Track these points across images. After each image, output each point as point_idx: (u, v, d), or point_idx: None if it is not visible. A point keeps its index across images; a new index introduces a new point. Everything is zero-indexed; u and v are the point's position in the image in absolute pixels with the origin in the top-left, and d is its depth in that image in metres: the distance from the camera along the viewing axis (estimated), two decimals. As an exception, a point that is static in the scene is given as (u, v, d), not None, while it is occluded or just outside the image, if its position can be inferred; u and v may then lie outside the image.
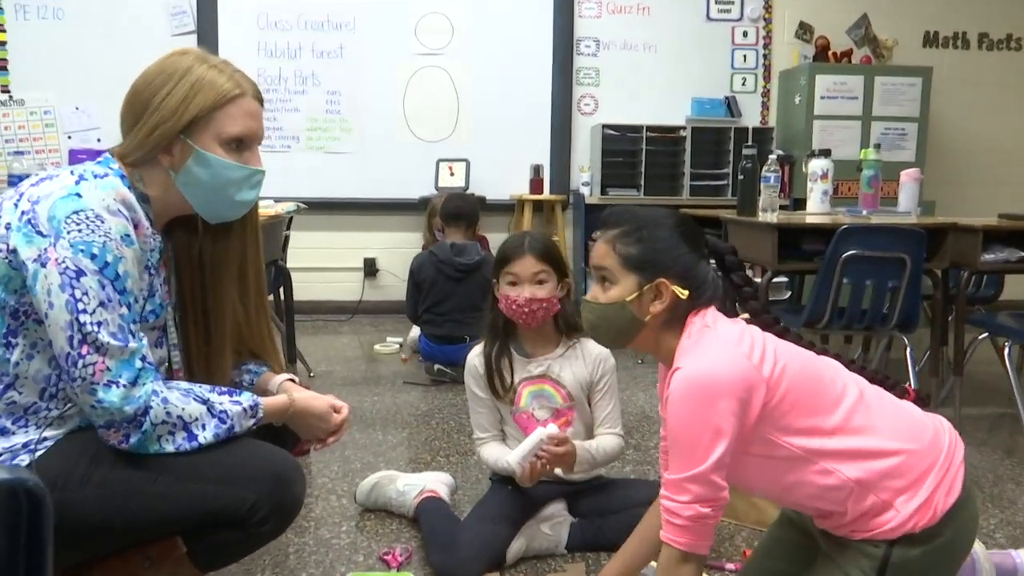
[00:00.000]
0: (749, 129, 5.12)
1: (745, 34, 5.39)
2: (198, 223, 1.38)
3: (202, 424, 1.24)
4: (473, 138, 5.20)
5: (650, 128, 5.06)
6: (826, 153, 3.33)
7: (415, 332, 3.89)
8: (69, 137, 4.95)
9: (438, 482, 2.14)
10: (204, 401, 1.26)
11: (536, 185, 5.07)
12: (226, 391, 1.31)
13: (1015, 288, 3.85)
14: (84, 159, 1.41)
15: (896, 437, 1.22)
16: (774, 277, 2.90)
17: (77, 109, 4.94)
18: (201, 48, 1.37)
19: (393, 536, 2.00)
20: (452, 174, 5.04)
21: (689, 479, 1.19)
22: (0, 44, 4.84)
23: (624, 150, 5.09)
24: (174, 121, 1.25)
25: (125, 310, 1.19)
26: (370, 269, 5.29)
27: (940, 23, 5.50)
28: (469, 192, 4.76)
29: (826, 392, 1.24)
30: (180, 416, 1.22)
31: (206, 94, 1.26)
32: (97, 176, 1.23)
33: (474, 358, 1.98)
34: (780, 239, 2.80)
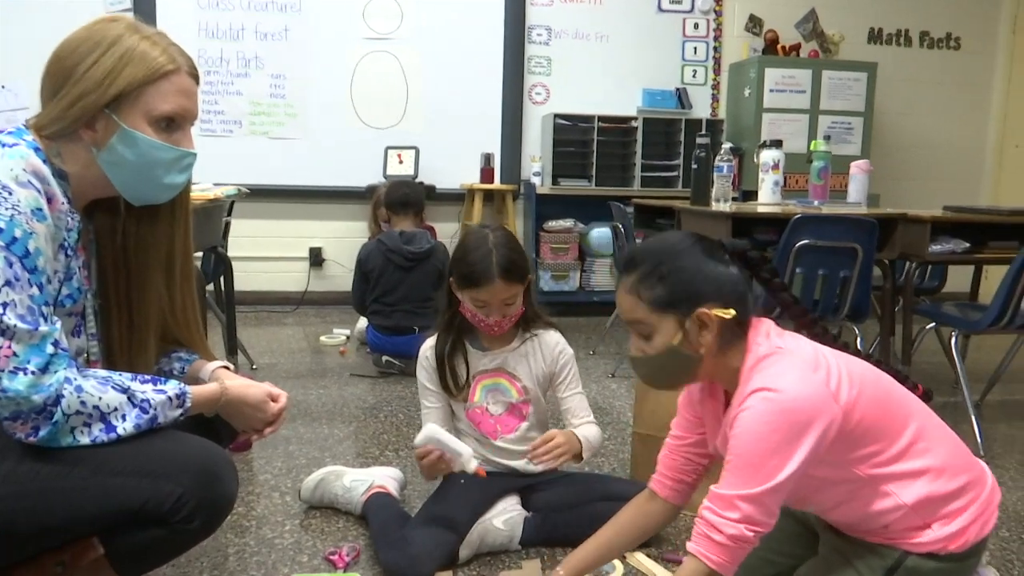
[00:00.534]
0: (701, 121, 5.13)
1: (696, 26, 5.40)
2: (121, 204, 1.27)
3: (122, 415, 1.14)
4: (422, 126, 5.10)
5: (602, 119, 5.02)
6: (777, 144, 3.33)
7: (363, 323, 3.79)
8: (-6, 118, 4.69)
9: (387, 477, 2.06)
10: (124, 390, 1.15)
11: (487, 174, 5.00)
12: (149, 379, 1.21)
13: (957, 280, 3.93)
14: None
15: (954, 465, 1.21)
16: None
17: (3, 88, 4.67)
18: (135, 17, 1.25)
19: (339, 535, 1.91)
20: (401, 162, 4.93)
21: (744, 497, 1.13)
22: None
23: (576, 140, 5.05)
24: (99, 94, 1.15)
25: (36, 291, 1.08)
26: (316, 259, 5.15)
27: (884, 20, 5.60)
28: (417, 180, 4.66)
29: (894, 416, 1.20)
30: (96, 406, 1.12)
31: (136, 67, 1.16)
32: (5, 145, 1.12)
33: (427, 351, 1.90)
34: (733, 229, 2.78)
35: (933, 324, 3.00)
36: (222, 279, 3.35)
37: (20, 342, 1.05)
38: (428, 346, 1.91)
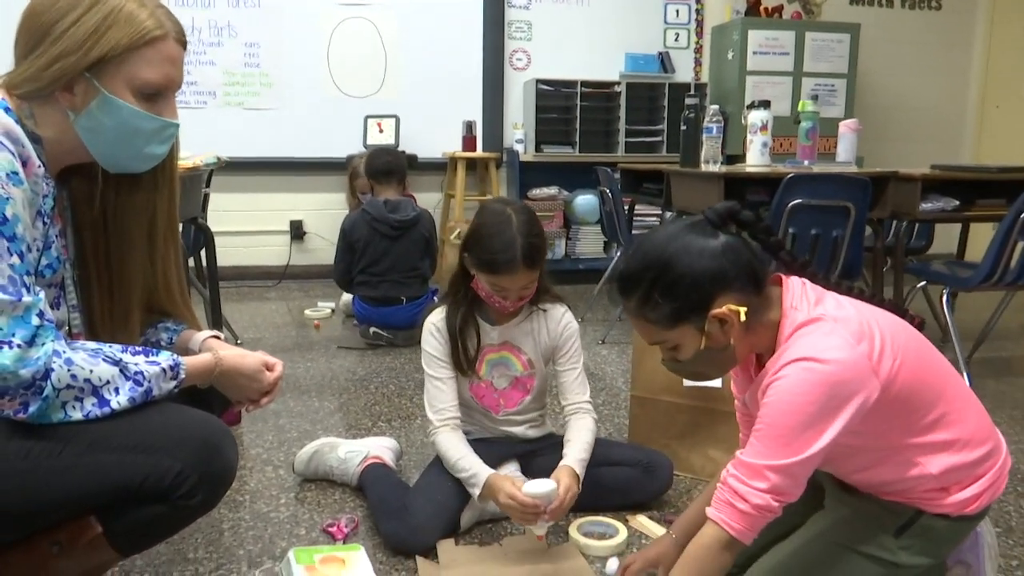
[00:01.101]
0: (688, 85, 5.07)
1: (678, -12, 5.33)
2: (98, 171, 1.20)
3: (115, 388, 1.09)
4: (402, 94, 5.00)
5: (585, 84, 4.95)
6: (765, 104, 3.27)
7: (348, 295, 3.72)
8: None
9: (382, 447, 2.02)
10: (116, 362, 1.10)
11: (469, 143, 4.91)
12: (141, 350, 1.15)
13: (943, 241, 3.94)
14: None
15: (979, 436, 1.20)
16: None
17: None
18: None
19: (336, 507, 1.87)
20: (381, 131, 4.83)
21: (774, 468, 1.09)
22: None
23: (558, 106, 4.98)
24: (79, 56, 1.07)
25: (16, 260, 1.01)
26: (297, 232, 5.06)
27: (866, -20, 5.56)
28: (399, 149, 4.58)
29: (929, 387, 1.18)
30: (88, 379, 1.06)
31: (121, 30, 1.08)
32: None
33: (438, 324, 1.80)
34: (725, 190, 2.75)
35: (924, 283, 3.00)
36: (204, 252, 3.25)
37: (3, 314, 0.99)
38: (438, 319, 1.80)
